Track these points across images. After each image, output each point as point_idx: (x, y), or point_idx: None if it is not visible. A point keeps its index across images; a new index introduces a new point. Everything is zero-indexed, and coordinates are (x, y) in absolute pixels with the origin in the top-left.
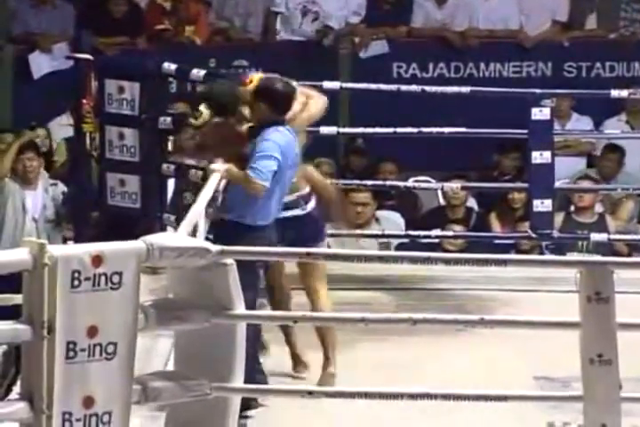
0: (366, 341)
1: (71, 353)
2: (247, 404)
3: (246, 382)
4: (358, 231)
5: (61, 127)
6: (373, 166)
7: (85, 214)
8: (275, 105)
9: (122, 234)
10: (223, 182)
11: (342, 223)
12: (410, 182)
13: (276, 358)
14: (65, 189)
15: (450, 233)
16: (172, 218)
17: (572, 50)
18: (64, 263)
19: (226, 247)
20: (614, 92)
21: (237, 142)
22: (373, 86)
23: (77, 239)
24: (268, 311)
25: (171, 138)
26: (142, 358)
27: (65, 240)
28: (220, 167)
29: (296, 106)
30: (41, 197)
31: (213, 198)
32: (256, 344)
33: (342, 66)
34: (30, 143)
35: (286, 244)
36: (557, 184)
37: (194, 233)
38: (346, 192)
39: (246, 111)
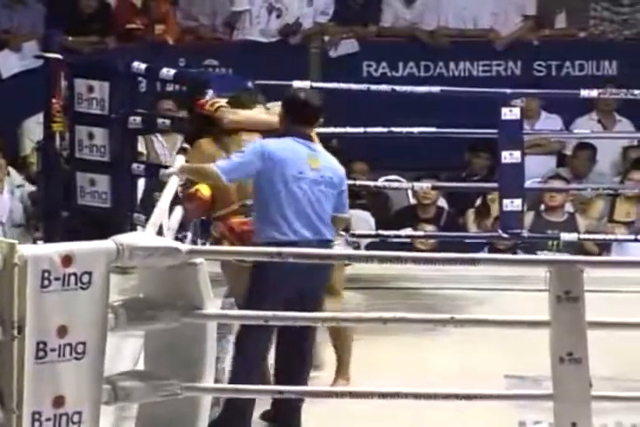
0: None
1: (41, 353)
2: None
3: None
4: None
5: (37, 126)
6: (344, 166)
7: (55, 214)
8: (292, 115)
9: (92, 234)
10: None
11: None
12: (380, 182)
13: None
14: (33, 189)
15: (421, 233)
16: (142, 217)
17: (541, 49)
18: (34, 263)
19: (195, 247)
20: (584, 92)
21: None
22: (343, 86)
23: (47, 239)
24: (238, 311)
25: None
26: (112, 357)
27: (35, 240)
28: (174, 169)
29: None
30: (7, 200)
31: None
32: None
33: (312, 65)
34: None
35: None
36: (528, 183)
37: (159, 233)
38: None
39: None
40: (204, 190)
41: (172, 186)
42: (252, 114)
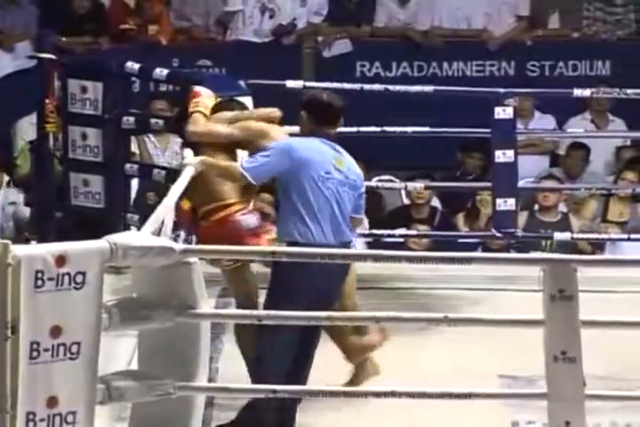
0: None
1: (35, 353)
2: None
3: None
4: None
5: (31, 126)
6: None
7: (49, 215)
8: (316, 116)
9: (85, 234)
10: None
11: None
12: (373, 182)
13: None
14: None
15: (414, 232)
16: (136, 218)
17: (535, 49)
18: (27, 263)
19: (189, 246)
20: (577, 91)
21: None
22: (337, 85)
23: (41, 240)
24: (232, 310)
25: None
26: (105, 357)
27: (28, 240)
28: (193, 161)
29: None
30: None
31: None
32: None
33: (305, 65)
34: None
35: None
36: (521, 183)
37: (159, 232)
38: None
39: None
40: (183, 203)
41: (184, 180)
42: (212, 128)
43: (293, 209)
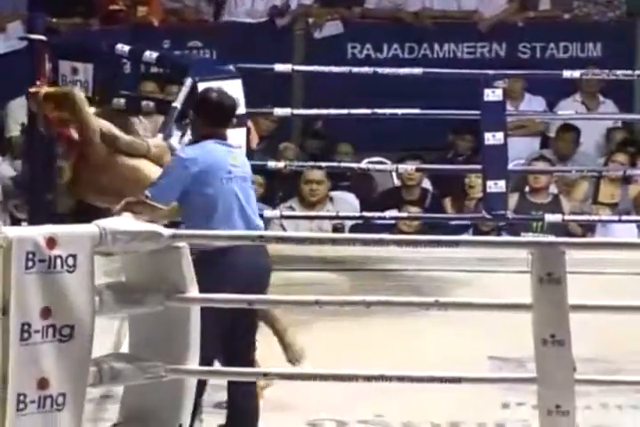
0: (321, 322)
1: (25, 335)
2: None
3: None
4: (313, 213)
5: (22, 107)
6: (329, 148)
7: (40, 196)
8: (207, 117)
9: (76, 217)
10: None
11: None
12: (364, 164)
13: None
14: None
15: (404, 214)
16: None
17: (526, 31)
18: (18, 245)
19: (178, 231)
20: (566, 73)
21: None
22: (325, 69)
23: (31, 222)
24: (221, 295)
25: None
26: (96, 339)
27: (19, 222)
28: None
29: None
30: None
31: None
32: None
33: (296, 46)
34: None
35: None
36: (511, 165)
37: None
38: (300, 172)
39: None
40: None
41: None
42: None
43: (200, 215)
